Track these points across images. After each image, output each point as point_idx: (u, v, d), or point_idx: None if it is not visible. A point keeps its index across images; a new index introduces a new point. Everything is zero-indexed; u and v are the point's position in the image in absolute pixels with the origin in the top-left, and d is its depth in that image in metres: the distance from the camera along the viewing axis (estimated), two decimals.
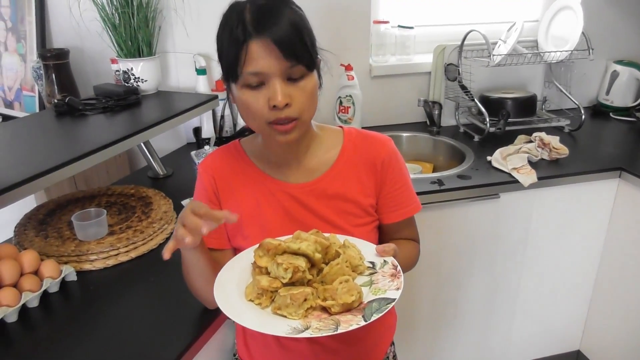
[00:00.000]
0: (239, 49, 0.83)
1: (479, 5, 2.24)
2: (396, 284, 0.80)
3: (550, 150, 1.80)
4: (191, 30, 1.84)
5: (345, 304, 0.76)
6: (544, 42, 2.13)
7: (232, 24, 0.84)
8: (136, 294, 1.15)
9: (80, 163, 1.23)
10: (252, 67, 0.83)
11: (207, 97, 1.72)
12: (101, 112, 1.55)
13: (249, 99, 0.87)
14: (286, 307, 0.76)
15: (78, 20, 1.69)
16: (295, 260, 0.80)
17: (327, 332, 0.72)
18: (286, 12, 0.85)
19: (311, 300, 0.77)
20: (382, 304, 0.76)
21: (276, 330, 0.73)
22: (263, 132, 0.92)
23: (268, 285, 0.79)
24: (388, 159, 1.00)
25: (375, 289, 0.81)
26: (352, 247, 0.88)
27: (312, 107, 0.91)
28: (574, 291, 1.95)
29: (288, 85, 0.86)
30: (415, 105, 2.11)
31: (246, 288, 0.82)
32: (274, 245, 0.83)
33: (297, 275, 0.79)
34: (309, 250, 0.82)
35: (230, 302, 0.79)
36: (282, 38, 0.82)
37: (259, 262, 0.84)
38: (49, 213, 1.41)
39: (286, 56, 0.83)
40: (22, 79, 1.97)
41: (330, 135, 1.04)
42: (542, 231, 1.79)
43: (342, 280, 0.79)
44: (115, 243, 1.26)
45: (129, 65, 1.67)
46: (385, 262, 0.87)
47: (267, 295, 0.80)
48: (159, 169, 1.74)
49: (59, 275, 1.14)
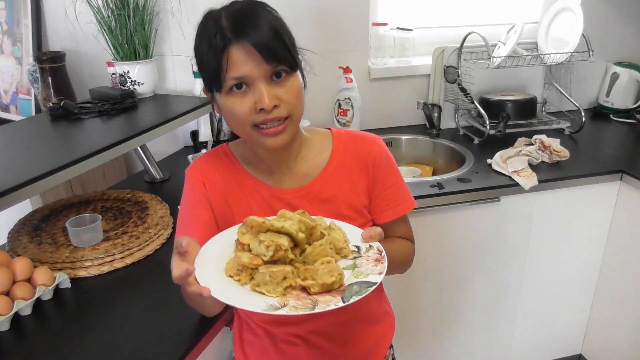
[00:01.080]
0: (220, 56, 0.82)
1: (478, 7, 2.23)
2: (379, 268, 0.79)
3: (551, 153, 1.79)
4: (188, 33, 1.81)
5: (325, 284, 0.75)
6: (543, 44, 2.12)
7: (210, 32, 0.84)
8: (131, 302, 1.13)
9: (76, 168, 1.21)
10: (234, 72, 0.82)
11: (205, 100, 1.70)
12: (97, 115, 1.53)
13: (234, 105, 0.85)
14: (265, 284, 0.75)
15: (74, 22, 1.67)
16: (278, 239, 0.78)
17: (304, 310, 0.71)
18: (263, 15, 0.85)
19: (290, 279, 0.76)
20: (362, 287, 0.75)
21: (252, 305, 0.72)
22: (250, 137, 0.89)
23: (248, 262, 0.78)
24: (379, 158, 0.99)
25: (357, 272, 0.80)
26: (338, 229, 0.86)
27: (300, 105, 0.90)
28: (575, 295, 1.94)
29: (273, 86, 0.85)
30: (415, 107, 2.09)
31: (227, 264, 0.81)
32: (257, 223, 0.81)
33: (279, 254, 0.78)
34: (293, 229, 0.80)
35: (209, 276, 0.76)
36: (262, 41, 0.82)
37: (242, 239, 0.82)
38: (44, 219, 1.39)
39: (268, 59, 0.82)
40: (18, 82, 1.96)
41: (320, 137, 1.02)
42: (543, 234, 1.77)
43: (324, 261, 0.78)
44: (110, 249, 1.24)
45: (125, 68, 1.66)
46: (371, 247, 0.85)
47: (247, 272, 0.78)
48: (155, 173, 1.72)
49: (53, 283, 1.12)
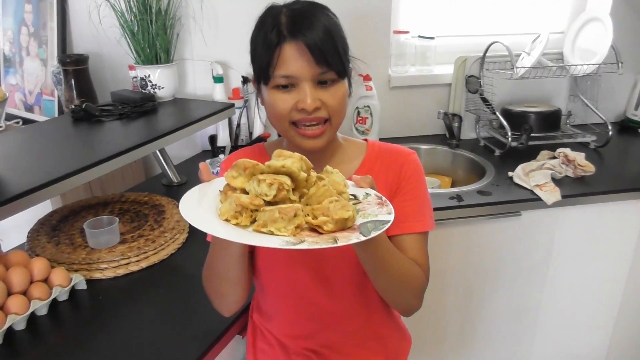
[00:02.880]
0: (272, 51, 0.84)
1: (502, 16, 2.19)
2: (386, 209, 0.74)
3: (575, 167, 1.74)
4: (209, 38, 1.83)
5: (341, 219, 0.68)
6: (570, 55, 2.08)
7: (267, 27, 0.85)
8: (145, 305, 1.13)
9: (95, 170, 1.22)
10: (283, 70, 0.84)
11: (224, 105, 1.71)
12: (117, 118, 1.54)
13: (277, 101, 0.87)
14: (273, 222, 0.67)
15: (97, 26, 1.69)
16: (280, 177, 0.72)
17: (326, 244, 0.65)
18: (321, 18, 0.85)
19: (301, 216, 0.69)
20: (377, 225, 0.70)
21: (269, 242, 0.65)
22: (287, 134, 0.90)
23: (249, 202, 0.69)
24: (408, 170, 0.97)
25: (364, 214, 0.74)
26: (336, 172, 0.80)
27: (342, 112, 0.90)
28: (597, 315, 1.88)
29: (318, 89, 0.86)
30: (435, 117, 2.07)
31: (221, 208, 0.72)
32: (251, 164, 0.74)
33: (281, 194, 0.70)
34: (294, 168, 0.72)
35: (205, 220, 0.69)
36: (316, 43, 0.82)
37: (233, 183, 0.74)
38: (62, 219, 1.41)
39: (318, 61, 0.83)
40: (43, 83, 1.98)
41: (354, 146, 1.02)
42: (566, 252, 1.73)
43: (332, 199, 0.71)
44: (126, 252, 1.24)
45: (146, 72, 1.67)
46: (368, 194, 0.80)
47: (247, 214, 0.70)
48: (173, 176, 1.73)
49: (69, 284, 1.13)
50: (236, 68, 1.91)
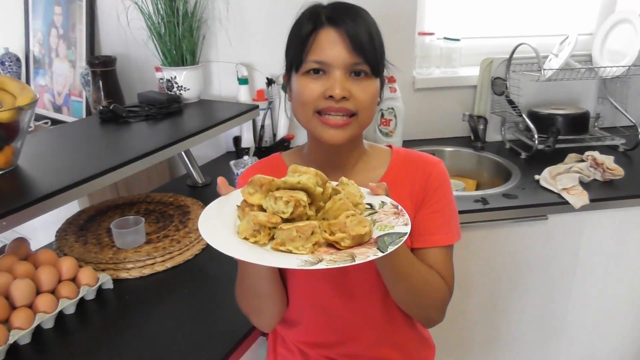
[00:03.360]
0: (307, 36, 0.83)
1: (529, 17, 2.16)
2: (402, 220, 0.73)
3: (604, 171, 1.71)
4: (234, 40, 1.84)
5: (358, 235, 0.68)
6: (598, 57, 2.03)
7: (304, 17, 0.86)
8: (170, 306, 1.14)
9: (122, 170, 1.23)
10: (316, 55, 0.83)
11: (248, 106, 1.72)
12: (144, 119, 1.56)
13: (305, 86, 0.84)
14: (291, 241, 0.68)
15: (125, 28, 1.71)
16: (296, 194, 0.71)
17: (344, 263, 0.65)
18: (362, 13, 0.86)
19: (318, 233, 0.69)
20: (394, 238, 0.69)
21: (287, 263, 0.66)
22: (309, 124, 0.87)
23: (266, 221, 0.70)
24: (434, 181, 0.93)
25: (381, 226, 0.73)
26: (351, 184, 0.79)
27: (371, 110, 0.87)
28: (625, 321, 1.84)
29: (349, 80, 0.84)
30: (460, 119, 2.05)
31: (239, 226, 0.72)
32: (267, 180, 0.74)
33: (298, 211, 0.71)
34: (310, 184, 0.72)
35: (224, 240, 0.69)
36: (355, 30, 0.82)
37: (250, 200, 0.74)
38: (89, 219, 1.43)
39: (354, 49, 0.82)
40: (71, 84, 2.02)
41: (379, 153, 0.99)
42: (593, 257, 1.69)
43: (349, 214, 0.71)
44: (152, 252, 1.26)
45: (172, 73, 1.69)
46: (384, 202, 0.79)
47: (265, 232, 0.70)
48: (198, 177, 1.74)
49: (96, 283, 1.15)
50: (261, 70, 1.91)
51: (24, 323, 0.99)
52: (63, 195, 1.07)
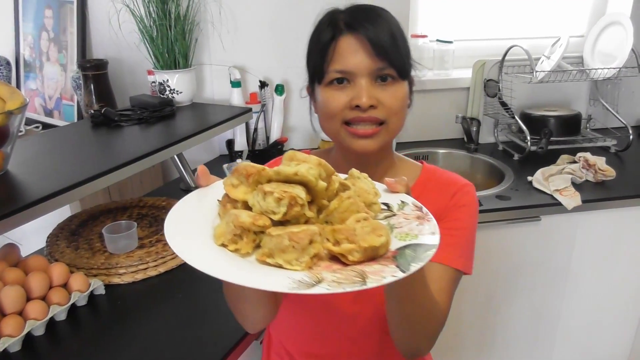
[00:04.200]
0: (327, 46, 0.80)
1: (521, 20, 2.17)
2: (429, 227, 0.58)
3: (596, 172, 1.71)
4: (227, 43, 1.84)
5: (371, 247, 0.53)
6: (589, 59, 2.05)
7: (323, 24, 0.82)
8: (163, 311, 1.13)
9: (114, 175, 1.22)
10: (338, 64, 0.79)
11: (241, 109, 1.71)
12: (136, 123, 1.55)
13: (330, 98, 0.80)
14: (282, 252, 0.52)
15: (117, 31, 1.70)
16: (291, 189, 0.56)
17: (352, 286, 0.49)
18: (383, 15, 0.82)
19: (319, 242, 0.54)
20: (418, 251, 0.54)
21: (272, 283, 0.50)
22: (337, 137, 0.83)
23: (250, 223, 0.54)
24: (461, 202, 0.86)
25: (401, 234, 0.58)
26: (364, 178, 0.65)
27: (400, 116, 0.83)
28: (618, 322, 1.85)
29: (376, 87, 0.79)
30: (453, 121, 2.05)
31: (215, 228, 0.57)
32: (256, 169, 0.58)
33: (294, 211, 0.55)
34: (311, 175, 0.57)
35: (194, 247, 0.54)
36: (376, 35, 0.78)
37: (233, 194, 0.59)
38: (81, 224, 1.42)
39: (377, 54, 0.77)
40: (62, 88, 2.01)
41: (408, 168, 0.94)
42: (586, 257, 1.70)
43: (360, 218, 0.57)
44: (144, 257, 1.25)
45: (164, 77, 1.68)
46: (404, 202, 0.65)
47: (249, 238, 0.55)
48: (191, 181, 1.73)
49: (88, 289, 1.13)
50: (254, 73, 1.91)
51: (14, 330, 0.98)
52: (54, 200, 1.06)
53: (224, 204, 0.60)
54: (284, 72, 1.92)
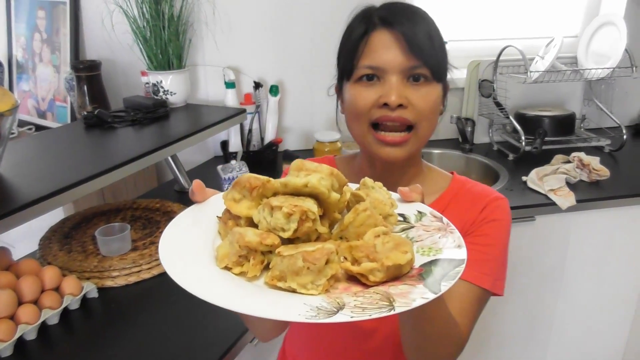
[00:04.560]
0: (359, 40, 0.76)
1: (515, 20, 2.17)
2: (452, 239, 0.54)
3: (590, 172, 1.72)
4: (221, 44, 1.83)
5: (395, 266, 0.48)
6: (583, 59, 2.05)
7: (357, 20, 0.79)
8: (157, 314, 1.12)
9: (108, 177, 1.21)
10: (369, 59, 0.75)
11: (236, 110, 1.71)
12: (130, 124, 1.54)
13: (358, 95, 0.76)
14: (296, 274, 0.47)
15: (110, 32, 1.69)
16: (302, 202, 0.50)
17: (378, 312, 0.44)
18: (419, 12, 0.78)
19: (336, 263, 0.49)
20: (446, 267, 0.49)
21: (289, 312, 0.45)
22: (364, 141, 0.78)
23: (258, 242, 0.49)
24: (492, 215, 0.80)
25: (423, 248, 0.54)
26: (378, 188, 0.61)
27: (432, 120, 0.77)
28: (612, 321, 1.85)
29: (407, 86, 0.75)
30: (448, 121, 2.05)
31: (218, 249, 0.52)
32: (260, 182, 0.54)
33: (305, 227, 0.50)
34: (322, 187, 0.52)
35: (194, 272, 0.49)
36: (412, 31, 0.73)
37: (235, 210, 0.54)
38: (74, 226, 1.41)
39: (411, 51, 0.73)
40: (55, 89, 1.99)
41: (437, 177, 0.88)
42: (580, 257, 1.70)
43: (379, 232, 0.52)
44: (137, 259, 1.24)
45: (158, 77, 1.67)
46: (421, 213, 0.60)
47: (257, 259, 0.50)
48: (185, 182, 1.73)
49: (80, 292, 1.12)
50: (248, 73, 1.90)
51: (6, 335, 0.97)
52: (46, 203, 1.05)
53: (225, 221, 0.55)
54: (278, 72, 1.92)
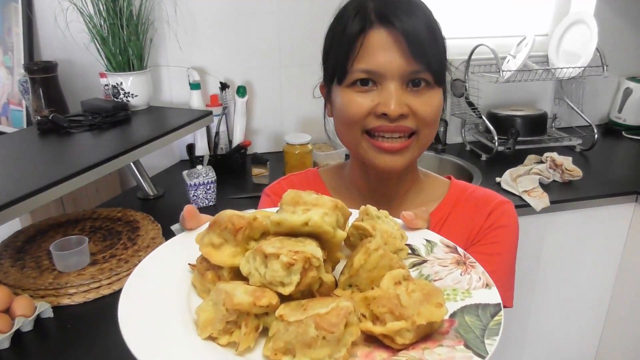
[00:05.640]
0: (354, 40, 0.66)
1: (487, 19, 2.15)
2: (478, 277, 0.46)
3: (563, 172, 1.71)
4: (184, 43, 1.75)
5: (428, 325, 0.39)
6: (554, 58, 2.05)
7: (349, 14, 0.68)
8: (117, 334, 1.04)
9: (63, 186, 1.14)
10: (365, 63, 0.66)
11: (201, 112, 1.64)
12: (88, 129, 1.46)
13: (351, 101, 0.68)
14: (307, 347, 0.37)
15: (64, 31, 1.60)
16: (301, 246, 0.41)
17: None
18: (420, 6, 0.69)
19: (356, 325, 0.39)
20: (483, 317, 0.42)
21: None
22: (357, 148, 0.70)
23: (251, 303, 0.39)
24: (498, 222, 0.75)
25: (446, 290, 0.45)
26: (384, 217, 0.52)
27: (435, 126, 0.70)
28: (586, 318, 1.86)
29: (406, 93, 0.67)
30: None
31: (198, 313, 0.42)
32: (245, 221, 0.43)
33: (309, 277, 0.40)
34: (327, 225, 0.42)
35: (167, 346, 0.40)
36: (414, 30, 0.65)
37: (216, 259, 0.43)
38: (28, 240, 1.32)
39: (414, 53, 0.65)
40: (10, 92, 1.88)
41: (434, 184, 0.83)
42: (554, 257, 1.69)
43: (398, 278, 0.42)
44: (97, 274, 1.16)
45: (118, 79, 1.59)
46: (430, 242, 0.52)
47: (250, 325, 0.39)
48: (149, 189, 1.65)
49: (33, 313, 1.04)
50: (213, 74, 1.83)
51: None
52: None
53: (202, 272, 0.44)
54: (245, 73, 1.85)
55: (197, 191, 1.50)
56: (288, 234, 0.43)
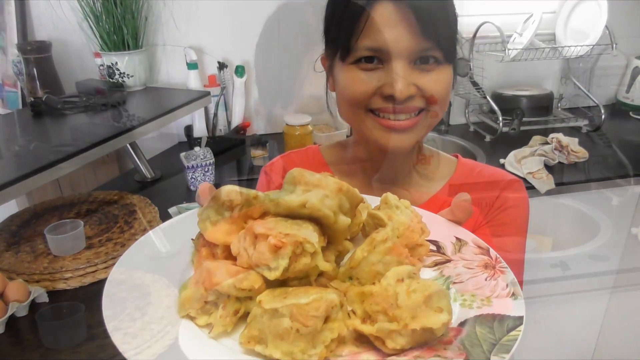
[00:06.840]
0: (359, 14, 0.61)
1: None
2: (505, 285, 0.40)
3: (569, 154, 1.67)
4: (181, 22, 1.71)
5: (427, 331, 0.35)
6: (562, 36, 1.99)
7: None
8: None
9: (55, 170, 1.12)
10: (370, 40, 0.62)
11: (199, 93, 1.61)
12: (82, 110, 1.43)
13: (355, 80, 0.63)
14: (279, 338, 0.34)
15: (57, 9, 1.55)
16: (296, 229, 0.38)
17: None
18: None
19: (340, 321, 0.36)
20: (498, 330, 0.36)
21: None
22: (360, 126, 0.67)
23: (231, 285, 0.37)
24: (507, 203, 0.72)
25: (463, 295, 0.40)
26: (403, 207, 0.46)
27: (444, 105, 0.67)
28: (589, 302, 1.83)
29: (415, 72, 0.63)
30: None
31: (180, 290, 0.40)
32: (244, 198, 0.40)
33: (300, 264, 0.37)
34: (327, 208, 0.39)
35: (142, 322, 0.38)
36: (425, 5, 0.60)
37: (209, 235, 0.42)
38: (23, 224, 1.30)
39: (424, 30, 0.60)
40: (4, 73, 1.84)
41: (441, 162, 0.79)
42: (559, 240, 1.66)
43: (402, 275, 0.38)
44: (92, 258, 1.15)
45: (113, 59, 1.55)
46: (461, 240, 0.46)
47: (228, 307, 0.37)
48: (146, 171, 1.62)
49: (28, 298, 1.03)
50: (211, 54, 1.79)
51: None
52: None
53: (199, 248, 0.43)
54: (244, 52, 1.81)
55: (194, 173, 1.48)
56: (287, 215, 0.40)
